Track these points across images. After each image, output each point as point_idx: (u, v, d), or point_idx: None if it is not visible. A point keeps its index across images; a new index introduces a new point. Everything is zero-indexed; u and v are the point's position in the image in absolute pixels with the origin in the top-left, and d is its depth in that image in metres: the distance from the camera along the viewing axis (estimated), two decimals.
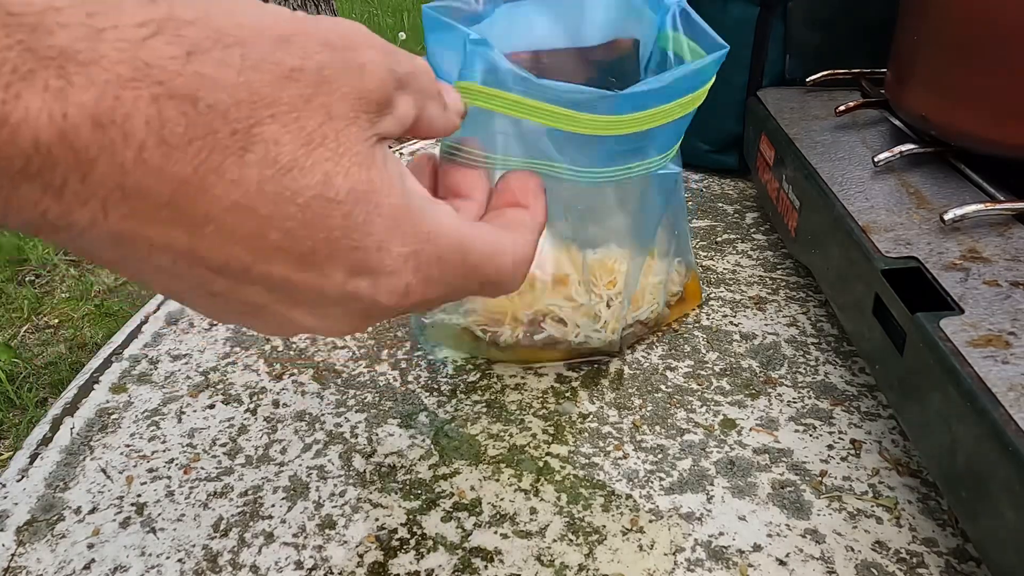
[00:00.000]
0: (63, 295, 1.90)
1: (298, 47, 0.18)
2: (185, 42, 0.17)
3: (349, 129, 0.19)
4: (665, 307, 0.43)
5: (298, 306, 0.21)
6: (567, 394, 0.39)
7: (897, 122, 0.46)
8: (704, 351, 0.42)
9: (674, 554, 0.30)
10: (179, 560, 0.31)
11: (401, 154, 0.71)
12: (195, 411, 0.39)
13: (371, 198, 0.20)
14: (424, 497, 0.33)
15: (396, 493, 0.34)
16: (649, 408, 0.38)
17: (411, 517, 0.32)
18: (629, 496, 0.33)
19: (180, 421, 0.39)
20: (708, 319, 0.45)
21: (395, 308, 0.22)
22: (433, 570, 0.30)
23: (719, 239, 0.54)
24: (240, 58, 0.17)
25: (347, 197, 0.19)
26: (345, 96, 0.19)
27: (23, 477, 0.36)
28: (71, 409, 0.40)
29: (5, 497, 0.34)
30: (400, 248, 0.21)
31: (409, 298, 0.22)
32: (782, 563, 0.30)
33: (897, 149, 0.41)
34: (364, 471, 0.35)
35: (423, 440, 0.37)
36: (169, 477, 0.35)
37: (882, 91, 0.47)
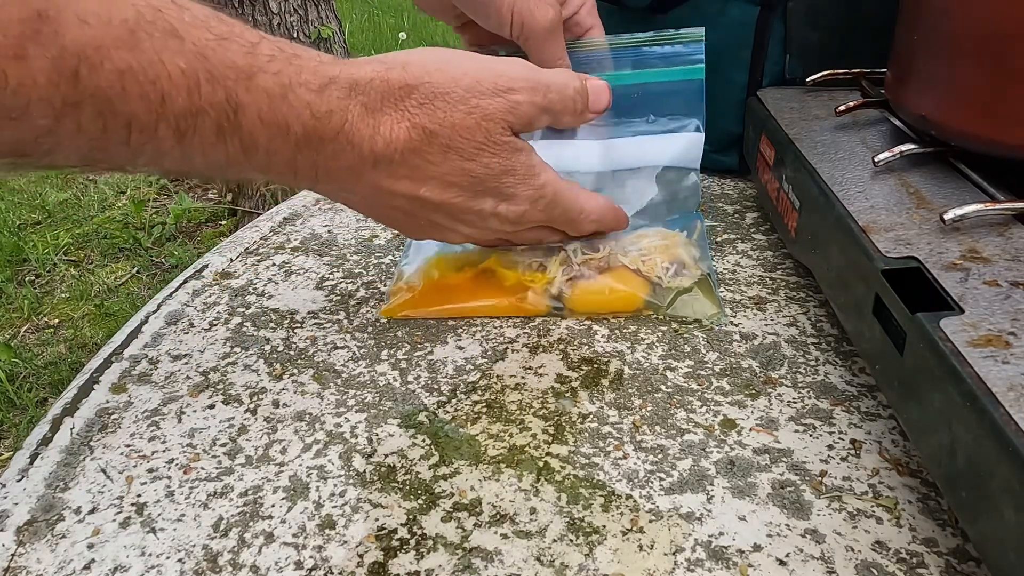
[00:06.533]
0: (63, 295, 1.90)
1: (477, 91, 0.37)
2: (420, 94, 0.37)
3: (502, 138, 0.38)
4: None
5: (462, 223, 0.41)
6: (567, 394, 0.39)
7: (897, 122, 0.46)
8: (704, 351, 0.42)
9: (674, 554, 0.30)
10: (179, 560, 0.31)
11: None
12: (195, 411, 0.39)
13: (510, 172, 0.39)
14: (424, 497, 0.33)
15: (396, 493, 0.34)
16: (649, 408, 0.38)
17: (411, 517, 0.32)
18: (629, 496, 0.33)
19: (180, 421, 0.39)
20: (708, 321, 0.45)
21: (515, 222, 0.42)
22: (433, 570, 0.30)
23: (719, 239, 0.54)
24: (444, 102, 0.37)
25: (498, 170, 0.39)
26: (498, 122, 0.38)
27: (23, 477, 0.36)
28: (71, 409, 0.40)
29: (5, 497, 0.34)
30: (525, 191, 0.40)
31: (522, 219, 0.42)
32: (782, 563, 0.30)
33: (897, 149, 0.41)
34: (364, 471, 0.35)
35: (423, 440, 0.37)
36: (169, 477, 0.35)
37: (882, 91, 0.47)
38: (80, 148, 0.29)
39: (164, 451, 0.37)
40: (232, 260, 0.55)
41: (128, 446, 0.37)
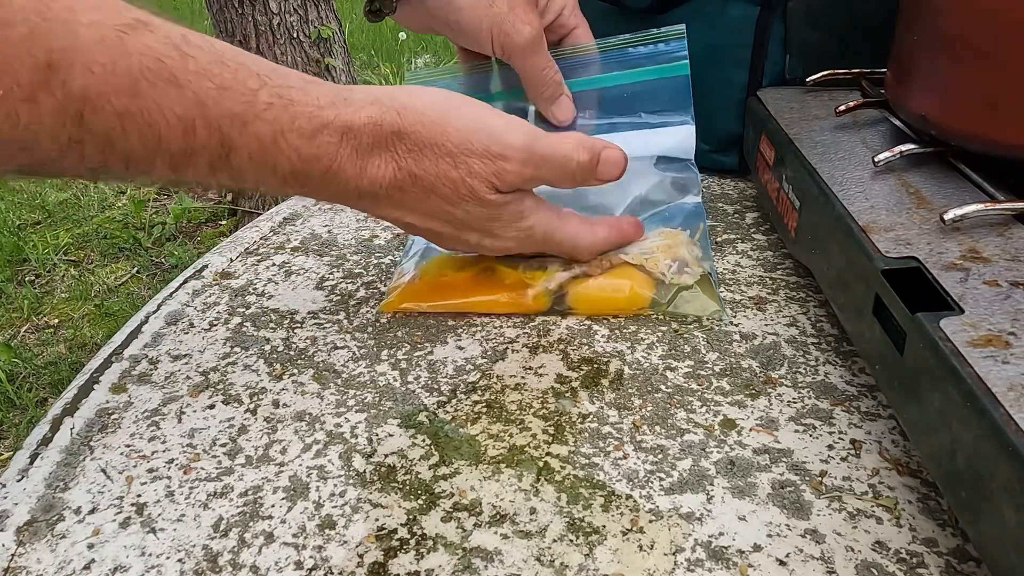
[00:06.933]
0: (63, 295, 1.90)
1: (466, 149, 0.38)
2: (409, 146, 0.38)
3: (486, 196, 0.40)
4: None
5: (455, 243, 0.43)
6: (567, 394, 0.39)
7: (897, 122, 0.46)
8: (704, 351, 0.42)
9: (674, 554, 0.30)
10: (179, 560, 0.31)
11: None
12: (195, 411, 0.39)
13: (494, 219, 0.41)
14: (424, 497, 0.33)
15: (396, 493, 0.34)
16: (649, 408, 0.38)
17: (411, 517, 0.32)
18: (629, 496, 0.33)
19: (180, 421, 0.39)
20: (708, 319, 0.45)
21: (505, 251, 0.44)
22: (433, 570, 0.30)
23: (719, 239, 0.54)
24: (432, 153, 0.38)
25: (482, 217, 0.41)
26: (482, 182, 0.39)
27: (23, 477, 0.36)
28: (71, 409, 0.40)
29: (5, 497, 0.34)
30: (510, 233, 0.42)
31: (514, 250, 0.44)
32: (782, 563, 0.30)
33: (897, 149, 0.41)
34: (364, 471, 0.35)
35: (423, 440, 0.37)
36: (169, 477, 0.35)
37: (882, 91, 0.47)
38: (82, 172, 0.32)
39: (164, 451, 0.37)
40: (232, 260, 0.55)
41: (128, 446, 0.37)
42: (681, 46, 0.52)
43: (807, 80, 0.54)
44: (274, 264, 0.54)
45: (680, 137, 0.53)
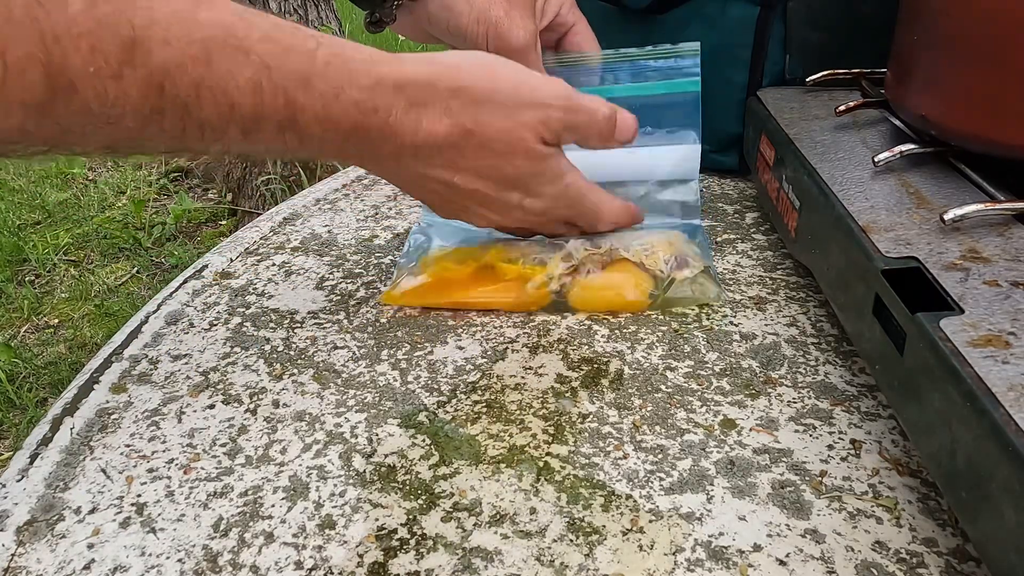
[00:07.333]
0: (63, 295, 1.90)
1: (515, 101, 0.41)
2: (459, 102, 0.40)
3: (533, 146, 0.42)
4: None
5: (490, 210, 0.45)
6: (567, 394, 0.39)
7: (897, 122, 0.46)
8: (704, 351, 0.42)
9: (674, 554, 0.30)
10: (179, 560, 0.31)
11: None
12: (195, 411, 0.39)
13: (538, 174, 0.43)
14: (424, 497, 0.33)
15: (396, 493, 0.34)
16: (649, 408, 0.38)
17: (411, 517, 0.32)
18: (629, 496, 0.33)
19: (180, 421, 0.39)
20: (708, 319, 0.45)
21: (538, 215, 0.46)
22: (433, 570, 0.30)
23: (719, 239, 0.54)
24: (487, 107, 0.40)
25: (527, 172, 0.43)
26: (531, 131, 0.42)
27: (23, 477, 0.36)
28: (71, 409, 0.40)
29: (5, 497, 0.34)
30: (550, 190, 0.44)
31: (545, 213, 0.46)
32: (782, 563, 0.30)
33: (897, 149, 0.41)
34: (364, 471, 0.35)
35: (423, 440, 0.37)
36: (169, 477, 0.35)
37: (882, 91, 0.47)
38: (161, 144, 0.34)
39: (164, 451, 0.37)
40: (232, 260, 0.55)
41: (128, 446, 0.37)
42: (695, 63, 0.52)
43: (807, 80, 0.54)
44: (274, 264, 0.54)
45: (684, 156, 0.53)
